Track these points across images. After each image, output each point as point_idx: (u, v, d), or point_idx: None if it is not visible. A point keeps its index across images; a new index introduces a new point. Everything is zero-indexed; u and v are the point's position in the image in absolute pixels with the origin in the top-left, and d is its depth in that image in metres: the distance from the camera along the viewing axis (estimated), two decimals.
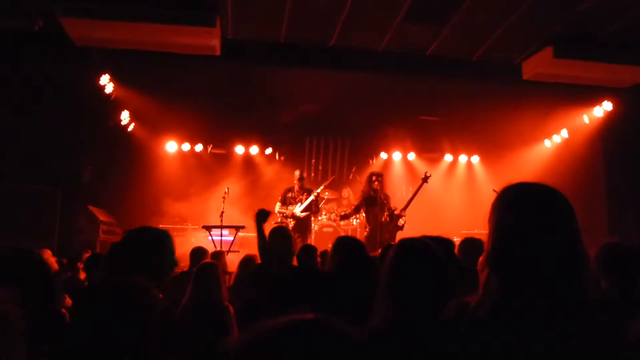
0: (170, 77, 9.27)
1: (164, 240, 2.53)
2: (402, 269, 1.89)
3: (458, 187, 12.49)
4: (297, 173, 9.10)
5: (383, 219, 8.05)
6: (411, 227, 10.40)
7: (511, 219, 1.32)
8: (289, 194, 8.92)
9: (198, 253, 5.30)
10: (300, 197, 8.86)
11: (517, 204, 1.37)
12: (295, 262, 4.20)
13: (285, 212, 8.77)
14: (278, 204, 8.92)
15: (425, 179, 8.40)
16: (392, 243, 2.29)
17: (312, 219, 10.00)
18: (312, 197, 8.77)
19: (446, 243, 3.26)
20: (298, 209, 8.75)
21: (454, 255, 3.39)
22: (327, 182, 9.40)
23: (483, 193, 11.22)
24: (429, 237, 2.65)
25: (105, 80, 8.94)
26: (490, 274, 1.30)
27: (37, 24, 7.03)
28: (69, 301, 4.57)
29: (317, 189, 8.99)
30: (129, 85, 9.49)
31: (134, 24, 6.93)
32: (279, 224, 8.34)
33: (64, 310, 3.03)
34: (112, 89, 9.20)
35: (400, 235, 8.48)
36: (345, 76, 9.30)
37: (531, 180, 1.49)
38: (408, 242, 2.02)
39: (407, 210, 8.30)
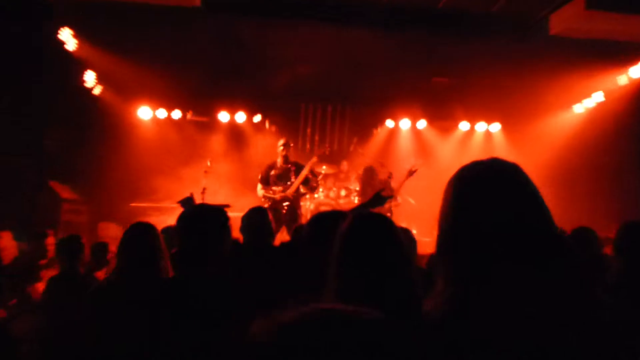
0: (144, 34, 9.18)
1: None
2: (354, 243, 1.88)
3: (474, 159, 12.50)
4: (280, 142, 8.57)
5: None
6: (422, 206, 10.46)
7: (478, 197, 1.35)
8: (273, 172, 8.43)
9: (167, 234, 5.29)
10: (289, 173, 8.40)
11: (479, 181, 1.40)
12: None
13: (272, 196, 8.27)
14: (259, 186, 8.45)
15: (411, 174, 8.78)
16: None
17: (307, 196, 10.04)
18: (305, 173, 8.35)
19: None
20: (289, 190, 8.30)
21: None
22: (317, 157, 8.97)
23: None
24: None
25: (66, 35, 8.84)
26: (452, 259, 1.32)
27: None
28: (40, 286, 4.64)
29: (309, 164, 8.52)
30: (94, 42, 9.42)
31: None
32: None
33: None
34: (75, 46, 9.12)
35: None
36: (345, 33, 9.24)
37: (559, 150, 1.51)
38: (364, 214, 2.05)
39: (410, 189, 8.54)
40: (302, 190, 8.46)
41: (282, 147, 8.49)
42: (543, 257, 1.25)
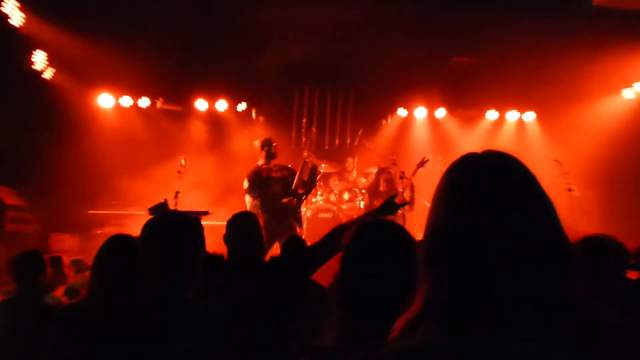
0: (105, 6, 9.17)
1: None
2: (359, 254, 1.93)
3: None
4: (256, 143, 8.57)
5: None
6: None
7: (482, 192, 1.36)
8: (264, 175, 8.36)
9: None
10: (283, 173, 8.42)
11: (482, 174, 1.40)
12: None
13: (281, 202, 8.25)
14: (248, 198, 8.40)
15: (422, 164, 9.15)
16: None
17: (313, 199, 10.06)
18: (300, 172, 8.44)
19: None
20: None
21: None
22: (307, 148, 9.01)
23: (540, 164, 11.19)
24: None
25: (10, 7, 8.81)
26: (448, 262, 1.34)
27: None
28: None
29: (303, 160, 8.56)
30: (45, 16, 9.39)
31: None
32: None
33: None
34: (22, 20, 9.09)
35: None
36: (349, 3, 9.20)
37: (605, 143, 1.49)
38: (370, 222, 2.09)
39: (427, 191, 8.51)
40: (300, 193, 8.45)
41: (266, 147, 8.43)
42: (549, 263, 1.29)
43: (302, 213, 9.85)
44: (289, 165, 8.65)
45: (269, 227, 8.01)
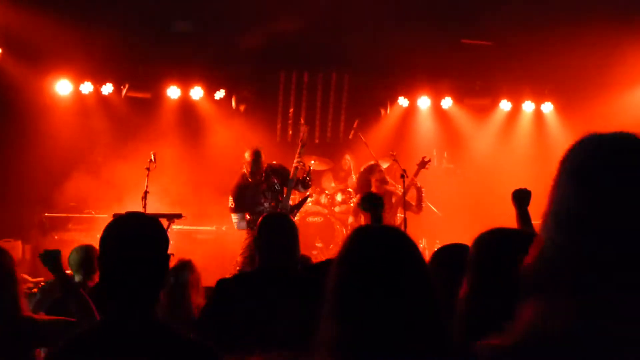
0: None
1: None
2: (356, 272, 1.91)
3: (520, 151, 12.50)
4: (247, 154, 8.45)
5: None
6: (449, 217, 10.44)
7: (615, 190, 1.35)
8: (251, 190, 8.38)
9: (85, 256, 5.14)
10: (271, 180, 8.47)
11: (614, 165, 1.39)
12: None
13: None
14: (235, 217, 8.41)
15: (423, 165, 9.27)
16: None
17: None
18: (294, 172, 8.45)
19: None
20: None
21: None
22: (302, 142, 8.96)
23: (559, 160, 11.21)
24: None
25: None
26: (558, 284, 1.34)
27: None
28: None
29: (296, 158, 8.56)
30: None
31: None
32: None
33: None
34: None
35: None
36: None
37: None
38: (370, 230, 2.12)
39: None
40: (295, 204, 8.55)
41: (250, 164, 8.38)
42: None
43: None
44: (277, 165, 8.66)
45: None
